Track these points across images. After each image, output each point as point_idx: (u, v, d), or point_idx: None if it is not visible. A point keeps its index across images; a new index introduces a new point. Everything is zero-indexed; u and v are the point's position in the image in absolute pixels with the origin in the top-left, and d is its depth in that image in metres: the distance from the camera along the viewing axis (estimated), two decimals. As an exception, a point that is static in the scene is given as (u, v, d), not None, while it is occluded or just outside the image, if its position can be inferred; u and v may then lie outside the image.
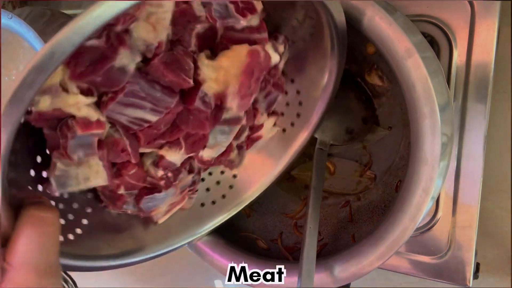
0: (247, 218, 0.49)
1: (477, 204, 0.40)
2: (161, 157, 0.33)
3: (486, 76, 0.39)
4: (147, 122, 0.30)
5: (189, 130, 0.33)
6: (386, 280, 0.53)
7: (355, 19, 0.32)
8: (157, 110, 0.30)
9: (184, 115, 0.32)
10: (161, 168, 0.34)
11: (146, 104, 0.29)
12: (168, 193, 0.36)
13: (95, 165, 0.30)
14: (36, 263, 0.21)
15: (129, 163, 0.32)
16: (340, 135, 0.45)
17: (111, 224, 0.35)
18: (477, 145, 0.40)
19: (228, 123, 0.35)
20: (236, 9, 0.31)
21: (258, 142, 0.41)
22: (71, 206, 0.32)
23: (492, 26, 0.38)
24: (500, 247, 0.49)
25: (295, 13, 0.34)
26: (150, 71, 0.29)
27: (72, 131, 0.27)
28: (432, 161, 0.31)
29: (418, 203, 0.32)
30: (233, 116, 0.35)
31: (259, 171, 0.41)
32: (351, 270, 0.36)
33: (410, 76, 0.31)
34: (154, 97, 0.29)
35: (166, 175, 0.34)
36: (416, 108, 0.31)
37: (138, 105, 0.29)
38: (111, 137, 0.30)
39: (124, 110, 0.29)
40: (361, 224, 0.44)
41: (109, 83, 0.27)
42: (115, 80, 0.27)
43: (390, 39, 0.31)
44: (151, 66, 0.28)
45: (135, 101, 0.29)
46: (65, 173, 0.29)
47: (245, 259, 0.41)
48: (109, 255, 0.33)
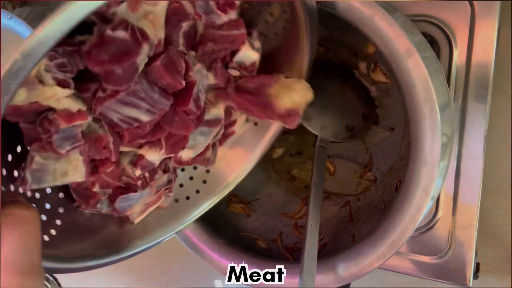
0: (246, 218, 0.49)
1: (477, 204, 0.40)
2: (140, 156, 0.33)
3: (486, 76, 0.39)
4: (138, 122, 0.30)
5: (173, 131, 0.33)
6: (386, 280, 0.53)
7: (355, 18, 0.32)
8: (152, 111, 0.30)
9: (169, 116, 0.32)
10: (139, 168, 0.34)
11: (143, 105, 0.29)
12: (143, 193, 0.36)
13: (75, 159, 0.30)
14: (20, 263, 0.20)
15: (108, 161, 0.32)
16: (340, 132, 0.44)
17: (85, 224, 0.34)
18: (477, 145, 0.40)
19: (208, 125, 0.35)
20: (217, 6, 0.31)
21: (231, 138, 0.41)
22: (44, 206, 0.31)
23: (492, 26, 0.38)
24: (500, 247, 0.49)
25: (270, 8, 0.34)
26: (150, 72, 0.29)
27: (55, 125, 0.27)
28: (432, 161, 0.31)
29: (418, 203, 0.32)
30: (214, 117, 0.35)
31: (232, 165, 0.41)
32: (351, 270, 0.36)
33: (410, 76, 0.31)
34: (152, 98, 0.29)
35: (143, 175, 0.34)
36: (416, 108, 0.31)
37: (135, 105, 0.29)
38: (95, 133, 0.30)
39: (120, 108, 0.29)
40: (361, 224, 0.44)
41: (123, 78, 0.27)
42: (128, 76, 0.27)
43: (390, 39, 0.31)
44: (152, 68, 0.29)
45: (134, 101, 0.29)
46: (42, 167, 0.29)
47: (245, 259, 0.41)
48: (86, 255, 0.32)
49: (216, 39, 0.32)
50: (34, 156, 0.28)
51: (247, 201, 0.50)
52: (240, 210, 0.49)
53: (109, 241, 0.35)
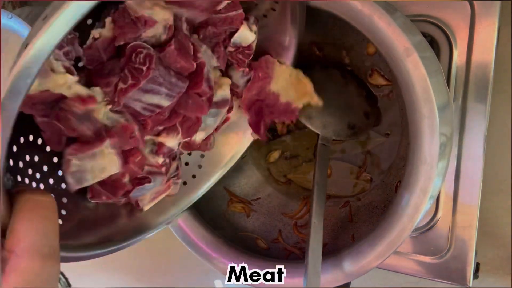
0: (247, 218, 0.49)
1: (477, 204, 0.40)
2: (160, 144, 0.34)
3: (486, 76, 0.39)
4: (160, 108, 0.31)
5: (188, 114, 0.34)
6: (386, 280, 0.53)
7: (354, 18, 0.32)
8: (171, 95, 0.31)
9: (183, 99, 0.33)
10: (161, 155, 0.35)
11: (163, 90, 0.30)
12: (156, 183, 0.36)
13: (108, 154, 0.31)
14: (40, 247, 0.20)
15: (136, 150, 0.33)
16: (342, 130, 0.44)
17: (89, 213, 0.35)
18: (477, 145, 0.40)
19: (217, 106, 0.36)
20: None
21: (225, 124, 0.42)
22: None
23: (492, 26, 0.38)
24: (500, 247, 0.49)
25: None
26: (165, 57, 0.30)
27: (70, 111, 0.28)
28: (430, 161, 0.31)
29: (416, 203, 0.32)
30: (221, 98, 0.36)
31: (225, 149, 0.42)
32: (350, 269, 0.36)
33: (409, 76, 0.31)
34: (170, 82, 0.30)
35: (165, 161, 0.35)
36: (415, 108, 0.31)
37: (156, 91, 0.30)
38: (119, 124, 0.31)
39: (142, 97, 0.30)
40: (361, 224, 0.44)
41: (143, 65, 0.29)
42: (148, 63, 0.29)
43: (389, 38, 0.31)
44: (166, 52, 0.29)
45: (154, 87, 0.30)
46: (80, 168, 0.30)
47: (245, 259, 0.41)
48: (90, 243, 0.33)
49: (215, 22, 0.33)
50: (70, 160, 0.29)
51: (247, 201, 0.50)
52: (240, 210, 0.49)
53: (112, 229, 0.36)
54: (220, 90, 0.36)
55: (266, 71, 0.37)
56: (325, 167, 0.42)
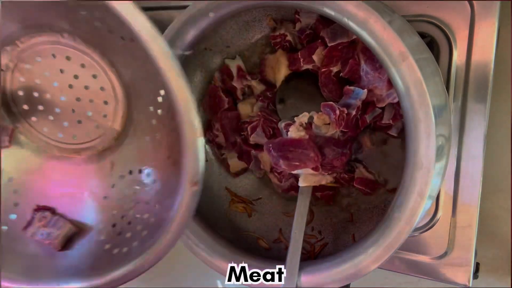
0: (248, 218, 0.49)
1: (477, 204, 0.40)
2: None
3: (486, 76, 0.39)
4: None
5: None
6: (386, 280, 0.53)
7: (349, 22, 0.32)
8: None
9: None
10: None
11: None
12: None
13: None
14: None
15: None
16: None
17: None
18: (477, 145, 0.40)
19: None
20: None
21: None
22: None
23: (492, 26, 0.38)
24: (500, 247, 0.49)
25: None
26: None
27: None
28: (427, 165, 0.31)
29: (414, 206, 0.32)
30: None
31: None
32: (350, 271, 0.36)
33: (404, 80, 0.31)
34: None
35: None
36: (411, 112, 0.31)
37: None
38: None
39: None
40: (361, 224, 0.44)
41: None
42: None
43: (384, 42, 0.31)
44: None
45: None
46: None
47: (245, 259, 0.41)
48: None
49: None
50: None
51: (249, 201, 0.50)
52: (242, 210, 0.49)
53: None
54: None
55: None
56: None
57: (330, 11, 0.33)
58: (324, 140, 0.37)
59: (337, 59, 0.40)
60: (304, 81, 0.44)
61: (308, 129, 0.37)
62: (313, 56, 0.41)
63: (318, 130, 0.37)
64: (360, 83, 0.39)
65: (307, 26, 0.43)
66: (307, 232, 0.46)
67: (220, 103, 0.47)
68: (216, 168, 0.51)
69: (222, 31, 0.45)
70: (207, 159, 0.51)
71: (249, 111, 0.47)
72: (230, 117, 0.46)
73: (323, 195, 0.46)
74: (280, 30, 0.44)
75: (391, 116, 0.40)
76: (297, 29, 0.44)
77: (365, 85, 0.39)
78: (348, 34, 0.40)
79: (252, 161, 0.47)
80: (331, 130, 0.37)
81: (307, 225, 0.46)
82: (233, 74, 0.46)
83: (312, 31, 0.43)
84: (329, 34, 0.40)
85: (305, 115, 0.38)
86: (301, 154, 0.37)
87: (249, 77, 0.46)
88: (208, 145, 0.51)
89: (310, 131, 0.37)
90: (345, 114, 0.37)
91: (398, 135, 0.42)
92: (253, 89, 0.47)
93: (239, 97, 0.48)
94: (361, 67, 0.38)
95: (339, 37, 0.40)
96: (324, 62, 0.41)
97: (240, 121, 0.47)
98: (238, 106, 0.47)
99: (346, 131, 0.38)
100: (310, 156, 0.37)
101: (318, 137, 0.38)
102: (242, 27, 0.45)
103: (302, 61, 0.42)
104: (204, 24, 0.39)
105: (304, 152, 0.37)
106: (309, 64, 0.42)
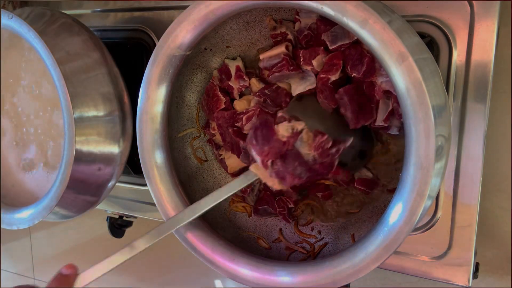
0: (248, 218, 0.49)
1: (476, 204, 0.40)
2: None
3: (486, 76, 0.39)
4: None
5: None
6: (386, 280, 0.53)
7: (349, 22, 0.32)
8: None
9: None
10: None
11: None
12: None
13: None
14: None
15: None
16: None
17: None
18: (477, 145, 0.40)
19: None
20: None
21: None
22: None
23: (492, 26, 0.38)
24: (499, 247, 0.49)
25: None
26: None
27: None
28: (426, 165, 0.31)
29: (413, 206, 0.32)
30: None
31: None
32: (350, 271, 0.36)
33: (404, 81, 0.31)
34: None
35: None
36: (410, 112, 0.31)
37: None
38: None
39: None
40: (361, 224, 0.44)
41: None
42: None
43: (384, 42, 0.31)
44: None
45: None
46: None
47: (245, 259, 0.41)
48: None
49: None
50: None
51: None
52: (242, 209, 0.49)
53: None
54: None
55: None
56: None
57: (329, 11, 0.33)
58: (295, 153, 0.37)
59: (337, 67, 0.40)
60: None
61: (293, 136, 0.37)
62: (313, 60, 0.41)
63: (299, 143, 0.37)
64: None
65: (306, 26, 0.43)
66: (307, 232, 0.46)
67: (218, 102, 0.47)
68: (216, 168, 0.51)
69: (222, 31, 0.45)
70: (207, 159, 0.51)
71: (246, 106, 0.47)
72: (227, 116, 0.46)
73: (324, 195, 0.46)
74: (281, 29, 0.44)
75: (383, 117, 0.40)
76: (296, 29, 0.44)
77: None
78: (349, 36, 0.40)
79: (241, 153, 0.47)
80: (307, 150, 0.37)
81: (307, 225, 0.46)
82: (231, 74, 0.46)
83: (311, 32, 0.43)
84: (329, 37, 0.40)
85: (301, 123, 0.37)
86: (270, 141, 0.37)
87: (247, 77, 0.46)
88: (208, 145, 0.51)
89: (293, 138, 0.37)
90: (326, 148, 0.37)
91: (399, 133, 0.42)
92: (252, 86, 0.47)
93: (236, 97, 0.48)
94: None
95: (340, 40, 0.40)
96: (324, 69, 0.41)
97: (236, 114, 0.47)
98: (235, 103, 0.47)
99: (316, 162, 0.37)
100: (271, 147, 0.37)
101: (293, 148, 0.37)
102: (242, 27, 0.45)
103: (303, 60, 0.42)
104: (204, 24, 0.39)
105: (273, 144, 0.37)
106: (308, 66, 0.42)
